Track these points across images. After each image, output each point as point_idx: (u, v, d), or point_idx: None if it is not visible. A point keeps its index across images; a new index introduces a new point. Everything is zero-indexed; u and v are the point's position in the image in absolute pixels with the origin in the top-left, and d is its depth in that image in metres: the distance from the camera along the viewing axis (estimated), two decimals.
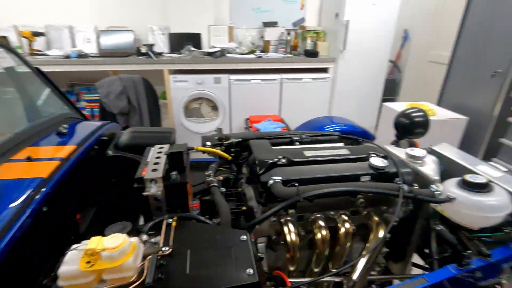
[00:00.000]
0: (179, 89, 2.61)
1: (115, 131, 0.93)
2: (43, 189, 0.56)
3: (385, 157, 0.73)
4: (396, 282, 0.80)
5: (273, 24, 3.04)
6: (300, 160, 0.70)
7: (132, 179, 0.56)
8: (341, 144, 0.92)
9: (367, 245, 0.69)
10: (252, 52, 2.90)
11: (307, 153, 0.73)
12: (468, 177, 0.67)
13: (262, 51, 3.01)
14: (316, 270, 0.69)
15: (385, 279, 0.82)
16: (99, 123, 0.93)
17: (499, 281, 0.63)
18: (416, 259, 0.83)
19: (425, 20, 3.33)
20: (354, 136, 1.35)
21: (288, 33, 2.96)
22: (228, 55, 2.75)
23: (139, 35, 2.91)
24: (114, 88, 2.18)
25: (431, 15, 3.27)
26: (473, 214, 0.65)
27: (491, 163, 0.88)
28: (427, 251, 0.76)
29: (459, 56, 2.26)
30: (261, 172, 0.65)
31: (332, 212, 0.68)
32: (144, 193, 0.55)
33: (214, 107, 2.81)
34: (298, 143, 0.90)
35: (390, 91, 3.58)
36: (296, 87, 2.83)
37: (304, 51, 2.96)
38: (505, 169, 0.83)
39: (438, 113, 2.12)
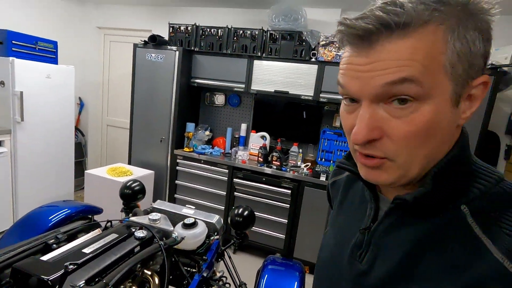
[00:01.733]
0: None
1: None
2: None
3: (141, 228, 1.05)
4: None
5: None
6: (86, 258, 0.82)
7: None
8: (97, 230, 1.09)
9: None
10: None
11: (86, 250, 0.86)
12: (185, 221, 1.18)
13: None
14: None
15: None
16: None
17: (214, 269, 1.19)
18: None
19: (96, 90, 3.86)
20: (84, 213, 1.48)
21: None
22: None
23: None
24: None
25: (101, 86, 3.86)
26: (193, 242, 1.16)
27: (187, 205, 1.48)
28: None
29: (136, 124, 2.99)
30: None
31: (122, 286, 0.89)
32: None
33: None
34: (55, 245, 0.95)
35: (78, 154, 3.68)
36: None
37: None
38: (193, 207, 1.46)
39: (134, 172, 2.68)
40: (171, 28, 2.87)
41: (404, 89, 0.34)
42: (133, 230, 1.03)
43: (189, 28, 2.81)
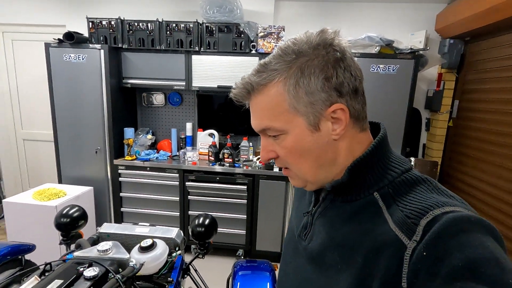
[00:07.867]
0: None
1: None
2: None
3: (90, 264, 0.91)
4: None
5: None
6: None
7: None
8: (32, 279, 0.90)
9: None
10: None
11: None
12: (142, 244, 1.06)
13: None
14: None
15: None
16: None
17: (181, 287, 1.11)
18: None
19: (1, 99, 3.23)
20: (12, 254, 1.24)
21: None
22: None
23: None
24: None
25: (7, 95, 3.25)
26: (154, 265, 1.05)
27: (140, 223, 1.35)
28: None
29: (62, 136, 2.59)
30: None
31: None
32: None
33: None
34: None
35: None
36: None
37: None
38: (147, 224, 1.34)
39: (68, 192, 2.34)
40: (90, 23, 2.51)
41: (268, 133, 0.51)
42: (81, 269, 0.88)
43: (112, 22, 2.50)
